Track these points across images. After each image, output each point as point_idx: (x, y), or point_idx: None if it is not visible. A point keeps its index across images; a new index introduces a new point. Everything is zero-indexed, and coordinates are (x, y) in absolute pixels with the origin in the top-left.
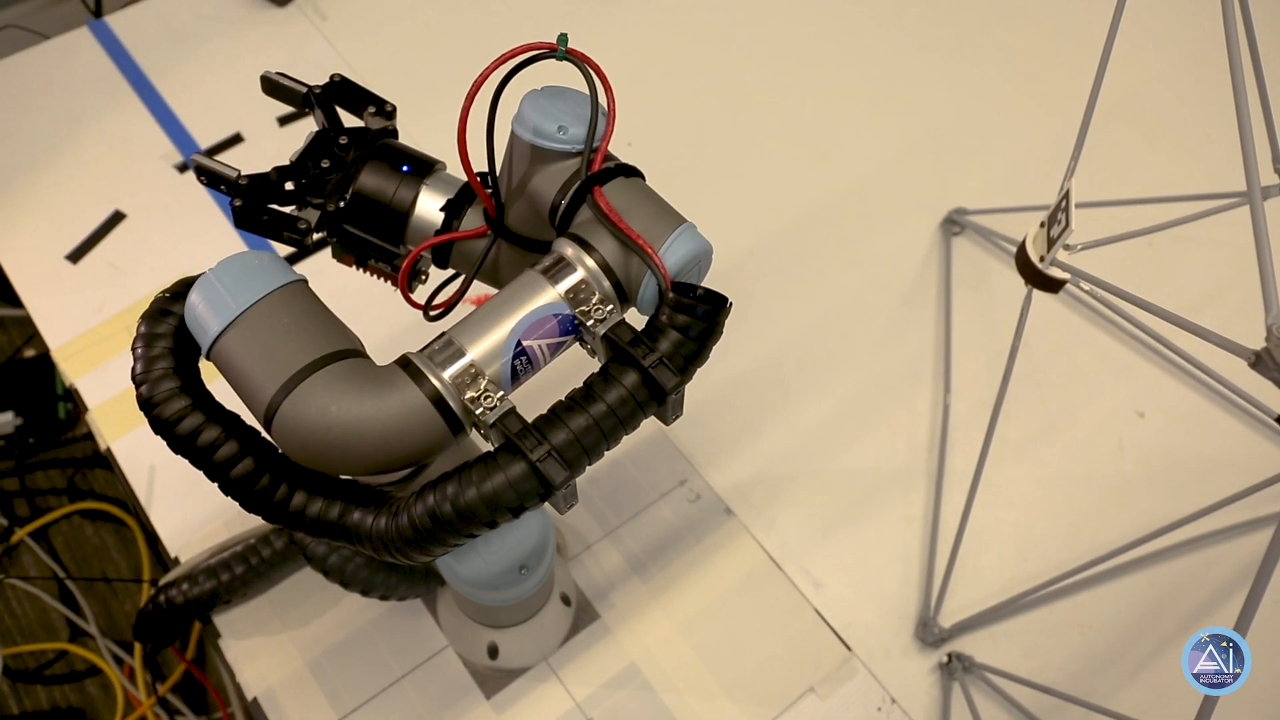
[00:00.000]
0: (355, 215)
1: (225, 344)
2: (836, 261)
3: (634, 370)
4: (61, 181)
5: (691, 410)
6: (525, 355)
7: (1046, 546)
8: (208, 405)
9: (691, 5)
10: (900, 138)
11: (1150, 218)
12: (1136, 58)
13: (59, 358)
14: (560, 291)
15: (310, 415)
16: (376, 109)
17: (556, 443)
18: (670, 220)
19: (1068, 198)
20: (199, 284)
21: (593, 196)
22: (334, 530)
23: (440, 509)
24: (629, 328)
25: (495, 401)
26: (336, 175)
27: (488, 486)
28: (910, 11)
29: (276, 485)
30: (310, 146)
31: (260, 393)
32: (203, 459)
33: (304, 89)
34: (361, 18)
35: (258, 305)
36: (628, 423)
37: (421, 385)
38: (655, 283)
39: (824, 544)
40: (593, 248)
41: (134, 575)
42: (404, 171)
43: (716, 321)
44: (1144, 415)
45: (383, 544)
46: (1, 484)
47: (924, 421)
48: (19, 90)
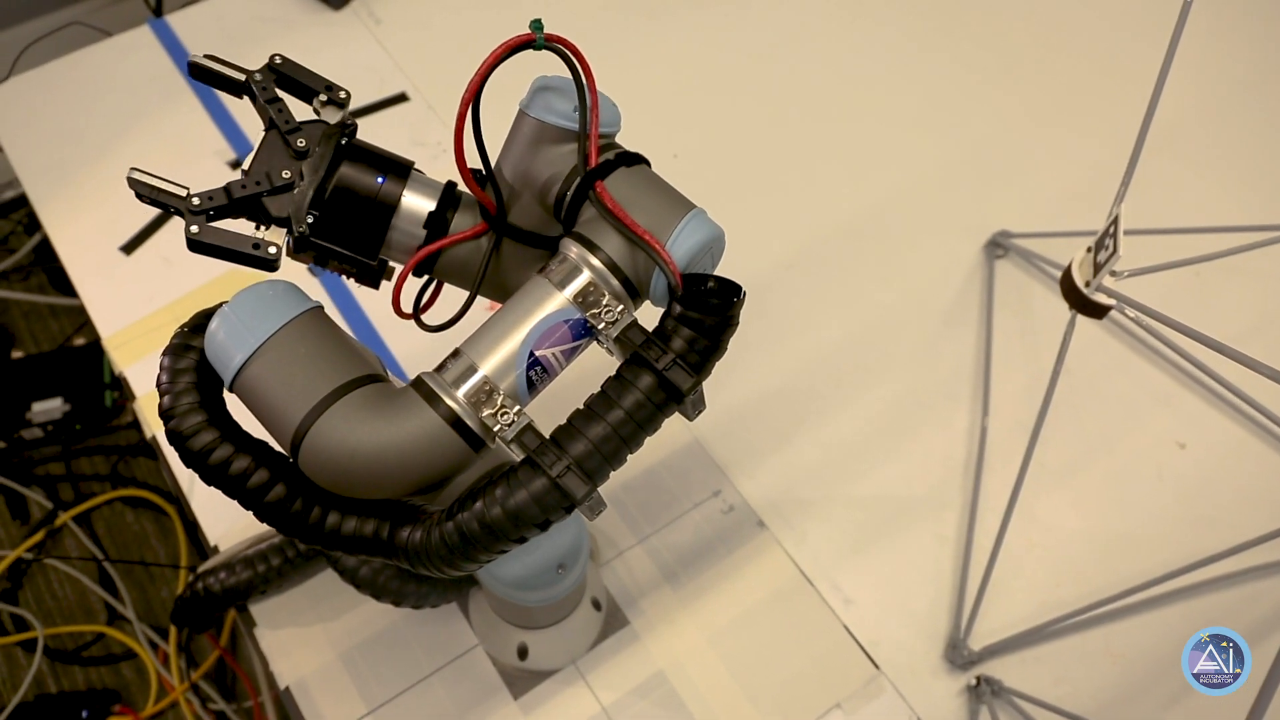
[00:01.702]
0: (329, 230)
1: (246, 378)
2: (877, 279)
3: (648, 373)
4: (118, 175)
5: (727, 421)
6: (540, 365)
7: (1081, 573)
8: (236, 435)
9: (738, 21)
10: (945, 159)
11: (1197, 247)
12: (1186, 86)
13: (109, 346)
14: (569, 296)
15: (333, 447)
16: (329, 96)
17: (576, 454)
18: (678, 208)
19: (1116, 224)
20: (217, 318)
21: (594, 192)
22: (369, 547)
23: (468, 526)
24: (640, 330)
25: (512, 417)
26: (301, 184)
27: (512, 504)
28: (957, 34)
29: (310, 508)
30: (263, 152)
31: (284, 426)
32: (236, 488)
33: (242, 75)
34: (415, 22)
35: (275, 337)
36: (647, 426)
37: (436, 407)
38: (665, 277)
39: (855, 560)
40: (597, 247)
41: (171, 562)
42: (380, 178)
43: (730, 314)
44: (1185, 446)
45: (419, 559)
46: (48, 468)
47: (960, 442)
48: (81, 85)
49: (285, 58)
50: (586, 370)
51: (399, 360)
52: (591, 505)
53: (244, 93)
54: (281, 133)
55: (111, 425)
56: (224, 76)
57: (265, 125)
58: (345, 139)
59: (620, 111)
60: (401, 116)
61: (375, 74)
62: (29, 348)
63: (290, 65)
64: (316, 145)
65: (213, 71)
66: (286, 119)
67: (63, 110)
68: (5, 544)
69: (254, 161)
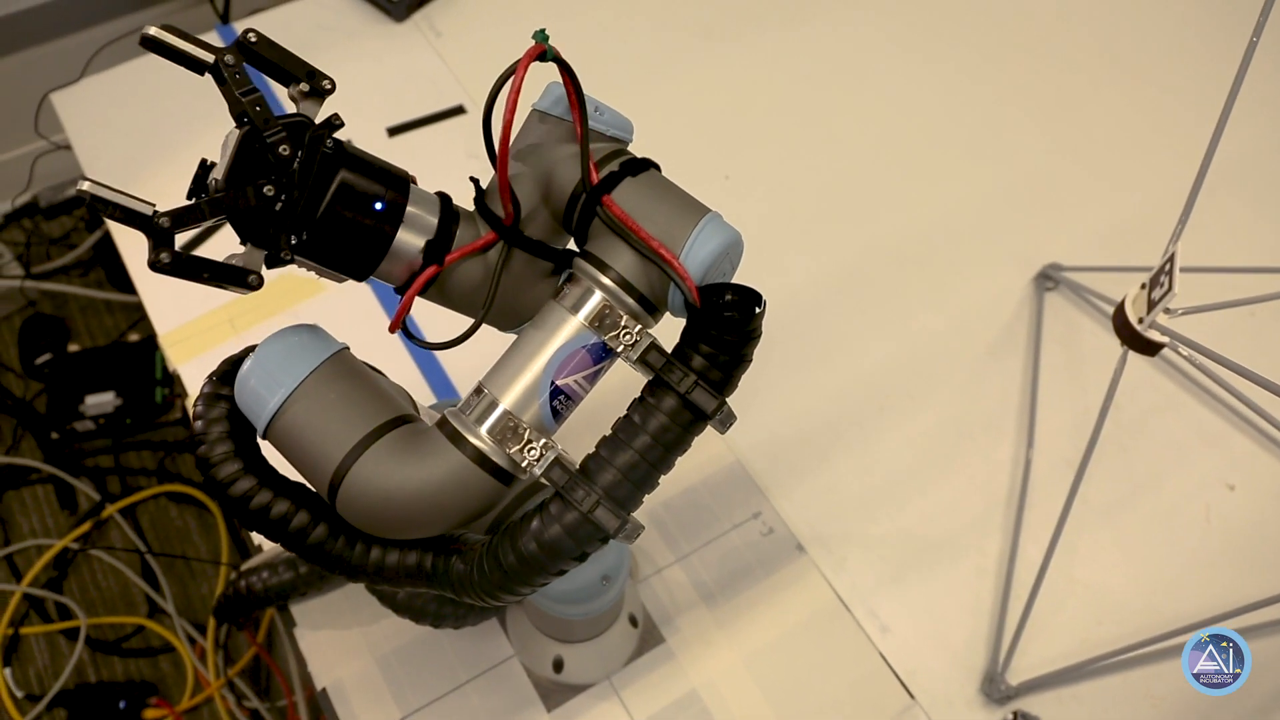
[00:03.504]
0: (317, 249)
1: (278, 427)
2: (925, 306)
3: (671, 395)
4: (182, 176)
5: (769, 443)
6: (563, 394)
7: (1123, 612)
8: (274, 481)
9: (793, 46)
10: (998, 188)
11: (1252, 288)
12: (1246, 124)
13: (165, 344)
14: (584, 320)
15: (370, 494)
16: (311, 85)
17: (605, 485)
18: (691, 214)
19: (1172, 261)
20: (247, 365)
21: (603, 206)
22: (413, 580)
23: (506, 561)
24: (660, 352)
25: (540, 451)
26: (284, 201)
27: (547, 538)
28: (1014, 65)
29: (353, 545)
30: (240, 159)
31: (319, 474)
32: (278, 532)
33: (210, 56)
34: (474, 36)
35: (304, 385)
36: (675, 449)
37: (462, 448)
38: None
39: (893, 589)
40: (608, 266)
41: (212, 558)
42: (380, 198)
43: (750, 327)
44: (1234, 489)
45: (463, 589)
46: (98, 460)
47: (1003, 474)
48: (150, 88)
49: (260, 34)
50: (616, 383)
51: (452, 378)
52: (627, 534)
53: (215, 75)
54: (261, 135)
55: (160, 421)
56: (183, 54)
57: (236, 120)
58: (332, 143)
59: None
60: (458, 128)
61: (434, 85)
62: (85, 342)
63: (266, 44)
64: (301, 151)
65: (169, 46)
66: (266, 117)
67: (130, 112)
68: (54, 533)
69: (230, 171)
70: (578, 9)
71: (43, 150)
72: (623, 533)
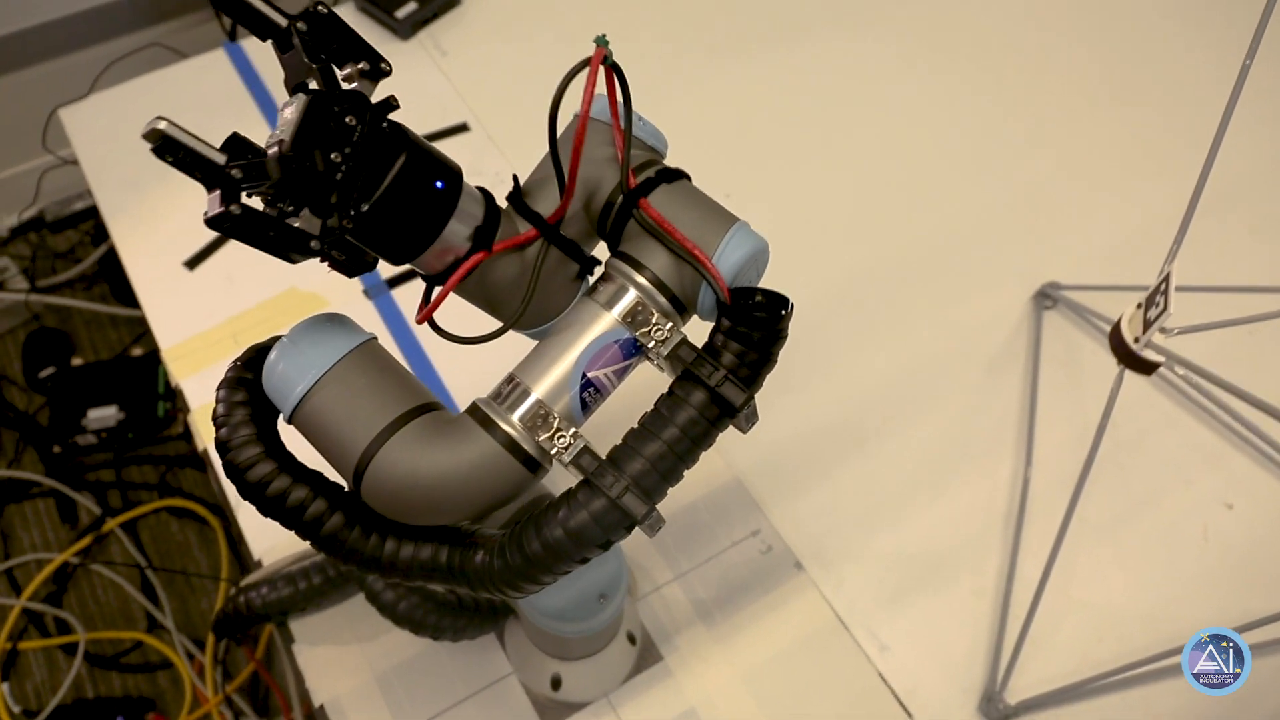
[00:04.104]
0: (372, 226)
1: (307, 409)
2: (925, 323)
3: (701, 389)
4: (187, 192)
5: (768, 461)
6: (592, 386)
7: (1122, 632)
8: (293, 467)
9: (792, 66)
10: (997, 206)
11: (1249, 307)
12: (1245, 144)
13: (169, 359)
14: (617, 316)
15: (396, 475)
16: (370, 65)
17: (634, 473)
18: (721, 222)
19: (1168, 280)
20: (276, 350)
21: (639, 209)
22: (427, 573)
23: (530, 548)
24: (691, 346)
25: (569, 440)
26: (346, 168)
27: (573, 524)
28: (1014, 83)
29: (368, 536)
30: (308, 120)
31: (346, 456)
32: (294, 519)
33: (283, 21)
34: (478, 55)
35: (335, 368)
36: (702, 442)
37: (493, 433)
38: (713, 291)
39: (892, 607)
40: (643, 265)
41: (212, 574)
42: (440, 179)
43: (779, 327)
44: (1232, 507)
45: (481, 582)
46: (99, 474)
47: (1002, 492)
48: (157, 104)
49: (330, 8)
50: (634, 387)
51: (450, 391)
52: (651, 524)
53: (279, 41)
54: (329, 103)
55: (162, 435)
56: (256, 14)
57: (295, 87)
58: (388, 123)
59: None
60: (462, 145)
61: (439, 103)
62: (88, 355)
63: (335, 19)
64: (362, 126)
65: (244, 4)
66: (335, 86)
67: (137, 128)
68: (54, 547)
69: (299, 134)
70: (579, 28)
71: (50, 165)
72: (648, 521)
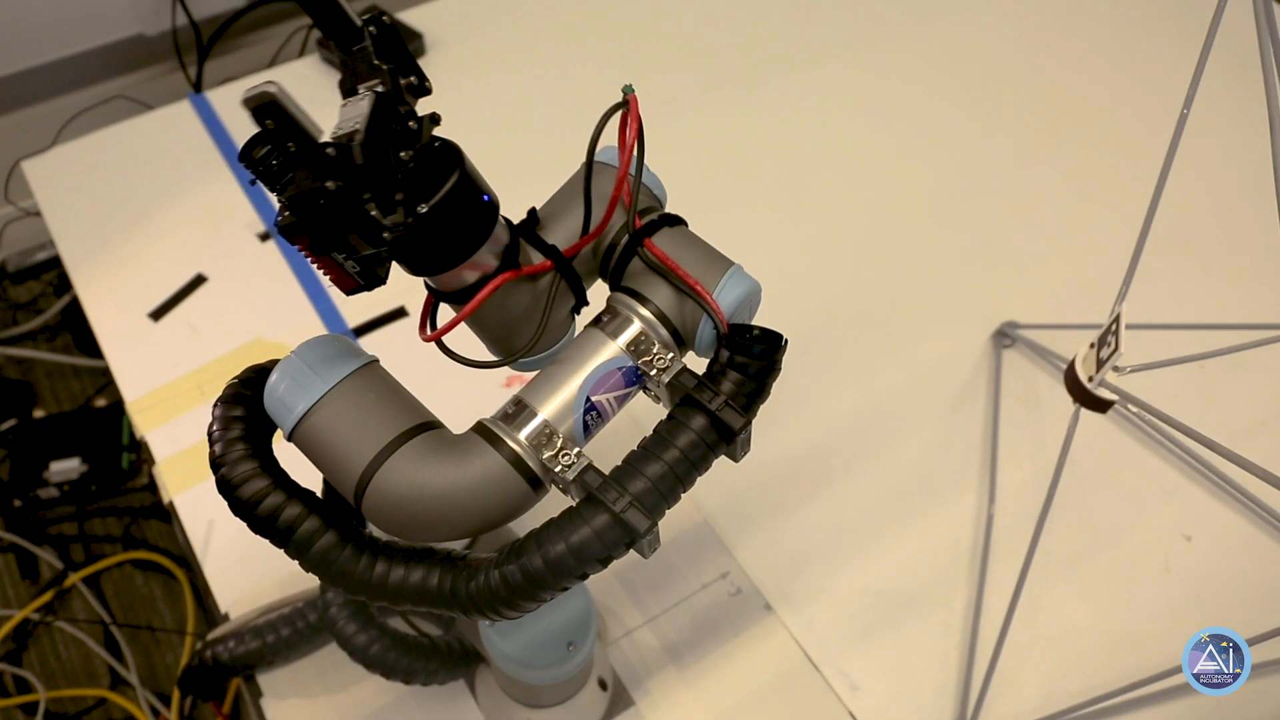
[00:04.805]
0: (423, 232)
1: (311, 422)
2: (887, 363)
3: (701, 414)
4: (151, 243)
5: (736, 503)
6: (595, 410)
7: (1089, 665)
8: (287, 484)
9: (749, 111)
10: (955, 248)
11: (1203, 343)
12: (1196, 183)
13: (133, 410)
14: (621, 345)
15: (401, 486)
16: (418, 82)
17: (636, 491)
18: (719, 264)
19: (1118, 321)
20: (283, 365)
21: (644, 248)
22: (417, 597)
23: (531, 564)
24: (691, 373)
25: (573, 459)
26: (411, 170)
27: (575, 539)
28: (973, 128)
29: (359, 558)
30: (378, 114)
31: (349, 468)
32: (284, 538)
33: (359, 22)
34: (443, 103)
35: (341, 385)
36: (700, 465)
37: (500, 449)
38: (712, 326)
39: (862, 646)
40: (647, 299)
41: (178, 627)
42: (485, 194)
43: (775, 359)
44: (1191, 539)
45: (476, 602)
46: (61, 528)
47: (967, 530)
48: (122, 156)
49: (393, 18)
50: (614, 431)
51: None
52: (650, 542)
53: (343, 42)
54: (395, 105)
55: (126, 487)
56: (341, 14)
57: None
58: (444, 139)
59: None
60: None
61: None
62: (50, 407)
63: (394, 30)
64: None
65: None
66: (399, 90)
67: (102, 179)
68: (14, 603)
69: (372, 128)
70: (541, 73)
71: (12, 217)
72: (648, 537)
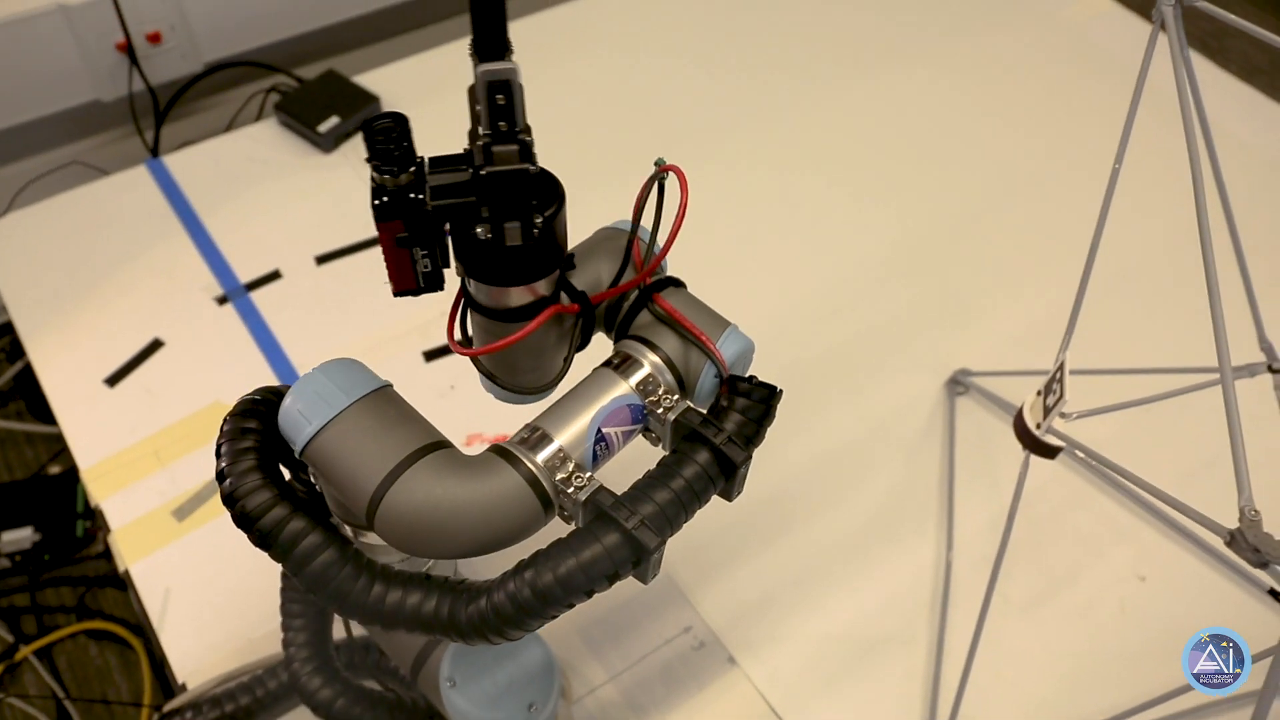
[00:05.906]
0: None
1: (326, 438)
2: (845, 413)
3: (705, 448)
4: (107, 307)
5: (697, 556)
6: (604, 441)
7: (1050, 707)
8: (293, 499)
9: (713, 165)
10: (909, 298)
11: (1148, 387)
12: (1139, 230)
13: (88, 478)
14: (631, 384)
15: (415, 501)
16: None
17: (645, 513)
18: (719, 322)
19: (1062, 369)
20: (302, 382)
21: (654, 301)
22: (412, 620)
23: (541, 581)
24: (697, 411)
25: (585, 481)
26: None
27: (586, 555)
28: (924, 182)
29: (357, 578)
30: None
31: (363, 483)
32: (285, 553)
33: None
34: None
35: (362, 400)
36: (702, 495)
37: (517, 468)
38: (714, 373)
39: (826, 695)
40: (656, 346)
41: (134, 699)
42: None
43: (771, 405)
44: (1145, 579)
45: (477, 624)
46: (13, 599)
47: (926, 577)
48: (78, 221)
49: None
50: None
51: None
52: (656, 563)
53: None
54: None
55: (80, 556)
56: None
57: None
58: None
59: None
60: None
61: (362, 214)
62: (2, 476)
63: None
64: None
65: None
66: None
67: (58, 245)
68: None
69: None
70: None
71: None
72: (655, 555)
